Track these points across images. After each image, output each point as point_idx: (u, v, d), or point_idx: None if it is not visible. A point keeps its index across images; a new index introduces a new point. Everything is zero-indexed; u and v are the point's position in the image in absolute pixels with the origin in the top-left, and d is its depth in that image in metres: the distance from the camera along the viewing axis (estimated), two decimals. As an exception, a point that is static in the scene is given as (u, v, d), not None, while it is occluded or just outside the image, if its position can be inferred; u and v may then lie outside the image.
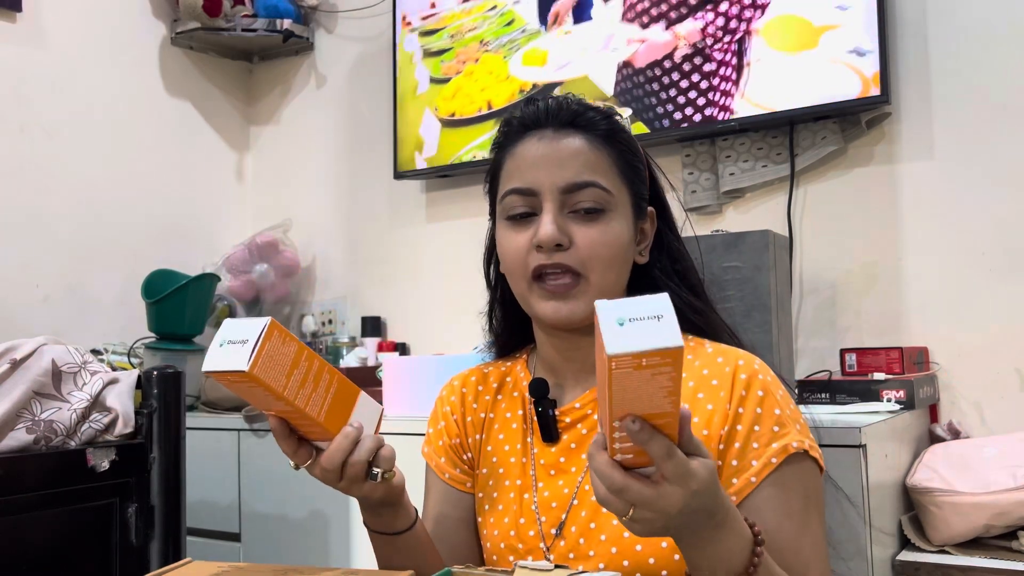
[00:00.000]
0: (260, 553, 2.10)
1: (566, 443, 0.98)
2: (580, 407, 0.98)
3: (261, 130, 3.09)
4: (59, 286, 2.51)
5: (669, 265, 1.01)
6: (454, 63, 2.55)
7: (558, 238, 0.91)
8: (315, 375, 0.84)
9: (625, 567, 0.90)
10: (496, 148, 1.01)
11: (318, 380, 0.84)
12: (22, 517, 1.37)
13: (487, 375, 1.08)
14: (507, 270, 0.98)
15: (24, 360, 1.41)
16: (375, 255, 2.80)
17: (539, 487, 0.98)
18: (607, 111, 0.98)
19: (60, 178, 2.54)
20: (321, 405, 0.85)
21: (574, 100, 0.98)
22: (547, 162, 0.93)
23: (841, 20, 1.99)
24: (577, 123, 0.95)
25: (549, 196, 0.93)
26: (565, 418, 0.98)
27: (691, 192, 2.22)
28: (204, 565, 0.83)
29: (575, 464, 0.97)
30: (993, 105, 1.94)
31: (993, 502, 1.53)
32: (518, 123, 0.98)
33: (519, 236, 0.94)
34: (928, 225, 2.00)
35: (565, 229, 0.92)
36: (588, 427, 0.97)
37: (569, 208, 0.93)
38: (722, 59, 2.12)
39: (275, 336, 0.80)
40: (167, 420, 1.52)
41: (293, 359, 0.82)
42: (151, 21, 2.81)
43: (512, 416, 1.04)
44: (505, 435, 1.03)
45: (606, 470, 0.69)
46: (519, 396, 1.04)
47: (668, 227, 1.02)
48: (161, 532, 1.50)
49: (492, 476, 1.02)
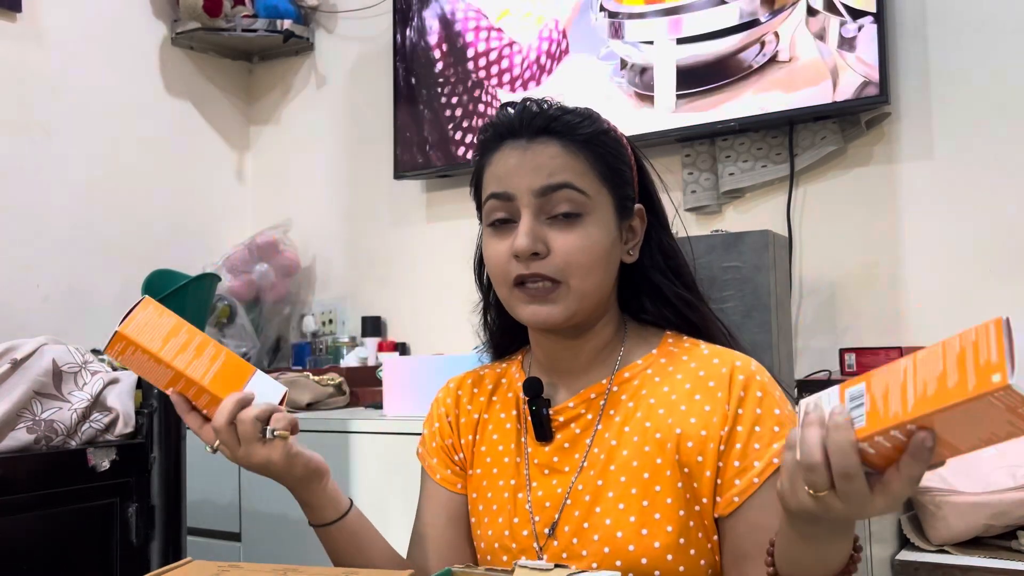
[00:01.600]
0: (260, 553, 2.10)
1: (559, 442, 0.98)
2: (574, 406, 0.98)
3: (261, 130, 3.09)
4: (59, 286, 2.51)
5: (662, 262, 1.01)
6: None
7: (533, 247, 0.91)
8: (197, 346, 0.94)
9: (617, 567, 0.90)
10: (478, 154, 1.01)
11: (201, 350, 0.94)
12: (22, 517, 1.36)
13: (482, 377, 1.09)
14: (492, 276, 0.98)
15: (24, 360, 1.41)
16: (375, 255, 2.80)
17: (532, 486, 0.98)
18: (586, 112, 0.97)
19: (60, 178, 2.54)
20: (205, 371, 0.93)
21: (550, 104, 0.97)
22: (522, 169, 0.93)
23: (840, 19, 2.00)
24: (552, 129, 0.94)
25: (525, 201, 0.93)
26: (559, 417, 0.98)
27: (691, 192, 2.22)
28: (204, 565, 0.83)
29: (568, 463, 0.97)
30: (993, 105, 1.94)
31: (993, 502, 1.53)
32: (496, 132, 0.98)
33: (500, 244, 0.94)
34: (928, 225, 2.00)
35: (542, 236, 0.92)
36: (581, 426, 0.97)
37: (546, 214, 0.93)
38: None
39: (150, 308, 0.94)
40: (167, 420, 1.52)
41: (171, 329, 0.94)
42: (151, 21, 2.81)
43: (506, 416, 1.04)
44: (499, 435, 1.03)
45: (849, 449, 0.65)
46: (513, 396, 1.04)
47: (660, 224, 1.02)
48: (161, 532, 1.50)
49: (486, 476, 1.02)
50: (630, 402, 0.96)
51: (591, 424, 0.97)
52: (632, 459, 0.93)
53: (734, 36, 2.11)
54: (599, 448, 0.95)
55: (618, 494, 0.92)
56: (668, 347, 0.99)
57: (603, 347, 0.99)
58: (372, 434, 1.95)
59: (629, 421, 0.95)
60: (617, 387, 0.97)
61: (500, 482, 1.00)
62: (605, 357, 0.99)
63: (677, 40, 2.18)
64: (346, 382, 2.29)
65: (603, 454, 0.95)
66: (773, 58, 2.06)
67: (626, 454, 0.93)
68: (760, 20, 2.08)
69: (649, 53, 2.23)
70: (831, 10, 2.00)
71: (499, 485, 1.00)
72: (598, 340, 0.99)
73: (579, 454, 0.96)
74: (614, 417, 0.96)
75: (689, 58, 2.17)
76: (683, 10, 2.17)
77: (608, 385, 0.98)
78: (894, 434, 0.62)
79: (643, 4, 2.24)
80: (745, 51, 2.09)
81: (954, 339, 0.60)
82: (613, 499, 0.92)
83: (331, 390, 2.25)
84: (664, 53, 2.20)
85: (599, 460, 0.95)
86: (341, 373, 2.32)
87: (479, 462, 1.04)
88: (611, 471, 0.93)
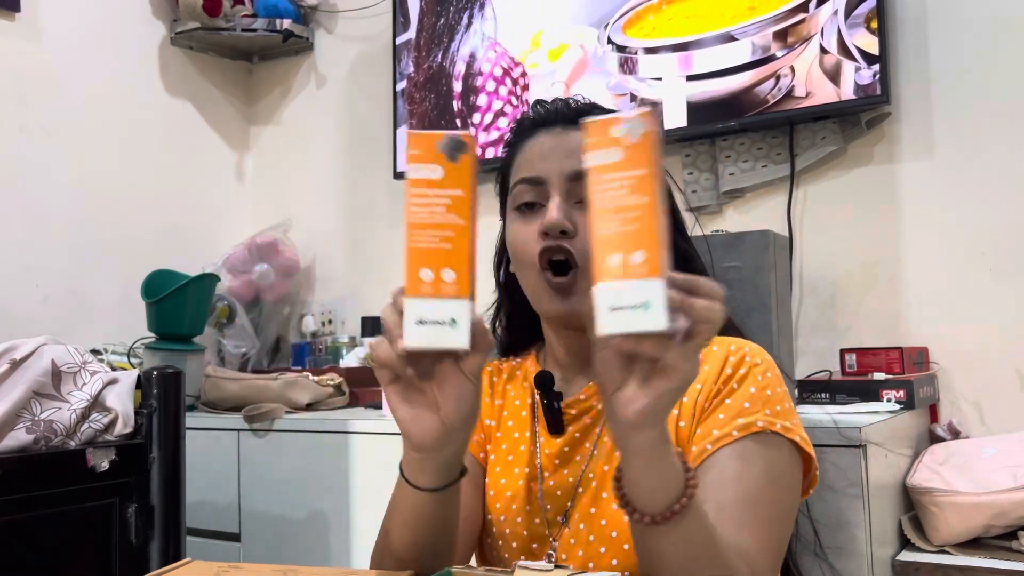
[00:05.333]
0: (260, 553, 2.10)
1: (571, 433, 0.99)
2: (585, 398, 0.99)
3: (261, 130, 3.09)
4: (59, 286, 2.51)
5: (681, 268, 1.00)
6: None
7: (563, 224, 0.92)
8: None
9: (625, 551, 0.90)
10: (508, 146, 1.04)
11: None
12: (22, 517, 1.36)
13: (500, 367, 1.11)
14: (516, 261, 0.99)
15: (24, 360, 1.41)
16: (375, 255, 2.80)
17: (544, 476, 0.99)
18: (616, 110, 0.98)
19: (60, 178, 2.54)
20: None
21: (583, 99, 1.02)
22: (555, 153, 0.96)
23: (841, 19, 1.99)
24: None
25: (556, 184, 0.95)
26: (571, 410, 1.00)
27: (691, 192, 2.22)
28: (204, 565, 0.83)
29: (580, 453, 0.99)
30: (993, 105, 1.94)
31: (993, 502, 1.53)
32: (530, 122, 1.02)
33: (527, 227, 0.96)
34: (928, 225, 2.00)
35: (571, 217, 0.93)
36: (592, 417, 0.99)
37: (575, 198, 0.94)
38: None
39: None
40: (167, 420, 1.52)
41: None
42: (151, 21, 2.81)
43: (522, 404, 1.06)
44: (515, 422, 1.05)
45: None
46: (528, 387, 1.06)
47: (678, 231, 1.03)
48: (161, 532, 1.50)
49: (500, 463, 1.04)
50: None
51: (601, 414, 0.98)
52: None
53: (747, 72, 2.08)
54: (608, 437, 0.97)
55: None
56: None
57: None
58: (372, 434, 1.95)
59: None
60: None
61: (515, 470, 1.02)
62: None
63: (687, 77, 2.15)
64: (346, 382, 2.29)
65: (611, 441, 0.95)
66: (789, 93, 2.04)
67: None
68: (775, 56, 2.05)
69: (659, 88, 2.20)
70: (844, 54, 1.98)
71: (514, 473, 1.02)
72: None
73: (590, 443, 0.98)
74: None
75: (699, 95, 2.14)
76: (693, 46, 2.15)
77: None
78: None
79: (654, 39, 2.20)
80: (760, 85, 2.07)
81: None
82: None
83: (331, 390, 2.25)
84: (674, 88, 2.17)
85: (606, 447, 0.96)
86: (341, 373, 2.32)
87: (495, 448, 1.05)
88: (616, 456, 0.93)
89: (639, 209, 0.64)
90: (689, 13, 2.16)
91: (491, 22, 2.49)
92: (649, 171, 0.64)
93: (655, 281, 0.63)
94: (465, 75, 2.53)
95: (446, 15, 2.57)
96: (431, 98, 2.59)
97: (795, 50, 2.03)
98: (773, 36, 2.05)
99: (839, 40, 1.99)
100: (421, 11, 2.61)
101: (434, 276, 0.68)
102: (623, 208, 0.64)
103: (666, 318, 0.63)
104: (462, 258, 0.68)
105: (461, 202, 0.69)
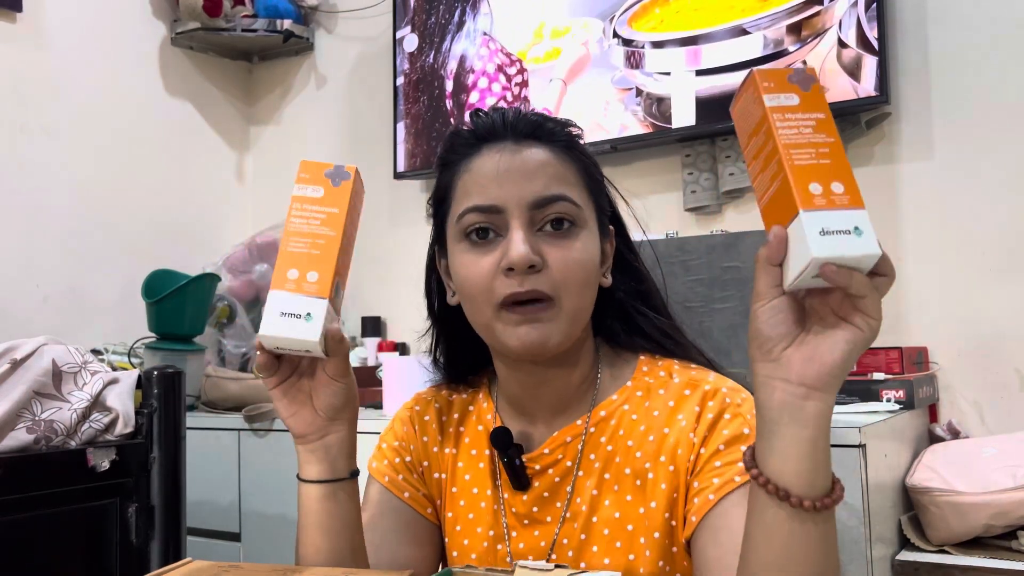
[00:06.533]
0: (260, 553, 2.10)
1: (538, 491, 0.90)
2: (549, 452, 0.90)
3: (261, 130, 3.09)
4: (59, 286, 2.51)
5: (633, 287, 0.94)
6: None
7: (532, 259, 0.81)
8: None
9: None
10: (443, 165, 0.91)
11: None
12: (22, 517, 1.36)
13: (451, 404, 0.99)
14: (467, 297, 0.86)
15: (24, 360, 1.41)
16: (375, 255, 2.80)
17: (512, 536, 0.91)
18: (565, 121, 0.91)
19: (60, 178, 2.54)
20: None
21: (531, 111, 0.90)
22: (511, 176, 0.83)
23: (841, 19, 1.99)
24: (538, 134, 0.87)
25: (517, 213, 0.83)
26: (535, 465, 0.90)
27: (691, 192, 2.22)
28: (204, 565, 0.83)
29: (550, 513, 0.89)
30: (993, 105, 1.94)
31: (993, 502, 1.53)
32: (470, 135, 0.88)
33: (483, 260, 0.83)
34: (928, 225, 2.00)
35: (536, 249, 0.82)
36: (560, 473, 0.90)
37: (537, 225, 0.83)
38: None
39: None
40: (167, 420, 1.52)
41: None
42: (151, 21, 2.81)
43: (478, 454, 0.95)
44: (472, 475, 0.94)
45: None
46: (484, 431, 0.95)
47: (627, 247, 0.95)
48: (161, 532, 1.50)
49: (460, 521, 0.94)
50: (608, 444, 0.89)
51: (570, 471, 0.89)
52: (614, 510, 0.87)
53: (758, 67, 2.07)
54: (580, 498, 0.89)
55: (602, 548, 0.87)
56: (643, 376, 0.91)
57: (582, 381, 0.91)
58: (372, 434, 1.95)
59: (609, 467, 0.88)
60: (594, 428, 0.90)
61: (478, 529, 0.93)
62: (584, 391, 0.91)
63: (696, 71, 2.13)
64: (346, 382, 2.29)
65: (585, 504, 0.88)
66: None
67: (608, 504, 0.87)
68: (788, 50, 2.03)
69: (666, 83, 2.18)
70: (864, 47, 1.95)
71: (476, 533, 0.93)
72: (578, 372, 0.90)
73: (560, 503, 0.90)
74: (593, 462, 0.89)
75: (708, 89, 2.12)
76: (702, 40, 2.12)
77: (584, 426, 0.90)
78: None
79: (661, 32, 2.18)
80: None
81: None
82: (598, 553, 0.87)
83: (331, 390, 2.24)
84: (682, 83, 2.15)
85: (581, 511, 0.88)
86: (341, 373, 2.32)
87: (451, 505, 0.95)
88: (594, 523, 0.88)
89: (828, 146, 0.67)
90: (698, 5, 2.14)
91: (487, 18, 2.48)
92: (828, 115, 0.68)
93: (860, 211, 0.64)
94: (457, 73, 2.53)
95: (435, 13, 2.57)
96: (424, 100, 2.59)
97: (809, 44, 2.02)
98: (787, 29, 2.04)
99: (858, 32, 1.95)
100: (413, 10, 2.62)
101: (299, 275, 0.78)
102: (815, 143, 0.67)
103: (878, 244, 0.62)
104: (328, 265, 0.78)
105: (335, 218, 0.81)
